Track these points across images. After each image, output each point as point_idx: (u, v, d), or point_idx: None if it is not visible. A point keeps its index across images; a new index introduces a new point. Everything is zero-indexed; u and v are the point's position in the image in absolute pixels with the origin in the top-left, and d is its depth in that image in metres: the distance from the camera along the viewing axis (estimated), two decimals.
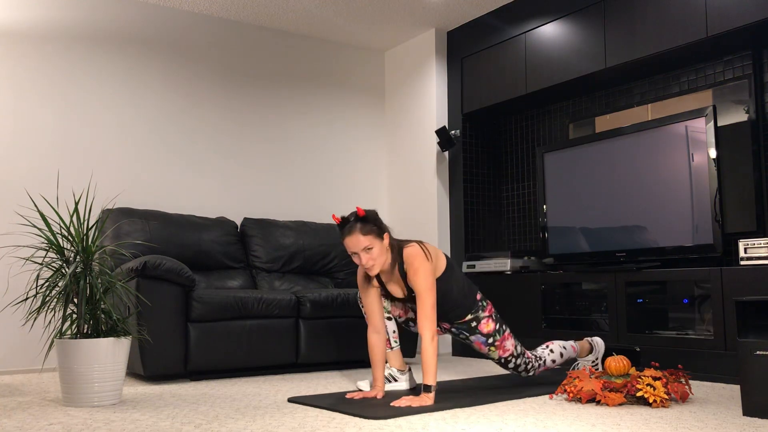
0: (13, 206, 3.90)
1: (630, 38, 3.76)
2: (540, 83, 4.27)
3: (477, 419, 2.33)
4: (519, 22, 4.44)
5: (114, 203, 4.18)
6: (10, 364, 3.82)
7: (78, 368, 2.62)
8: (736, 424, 2.23)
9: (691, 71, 3.87)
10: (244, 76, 4.76)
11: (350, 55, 5.26)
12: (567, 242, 4.10)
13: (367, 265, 2.69)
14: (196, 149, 4.52)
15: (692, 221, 3.49)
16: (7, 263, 3.84)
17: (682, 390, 2.61)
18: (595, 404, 2.61)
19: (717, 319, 3.25)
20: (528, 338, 4.14)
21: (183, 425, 2.26)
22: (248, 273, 4.26)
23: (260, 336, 3.60)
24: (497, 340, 2.96)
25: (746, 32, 3.36)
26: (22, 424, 2.29)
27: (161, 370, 3.31)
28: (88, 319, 2.73)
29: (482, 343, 2.96)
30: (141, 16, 4.40)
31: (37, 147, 4.00)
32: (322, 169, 5.03)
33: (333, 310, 3.84)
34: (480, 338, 2.95)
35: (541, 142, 4.72)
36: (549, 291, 4.14)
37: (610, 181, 3.90)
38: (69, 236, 2.77)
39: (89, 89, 4.20)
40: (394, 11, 4.64)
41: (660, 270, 3.53)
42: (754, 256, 3.18)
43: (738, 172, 3.57)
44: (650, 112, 4.05)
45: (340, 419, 2.34)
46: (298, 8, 4.58)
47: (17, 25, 4.01)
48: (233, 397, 2.85)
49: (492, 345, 2.96)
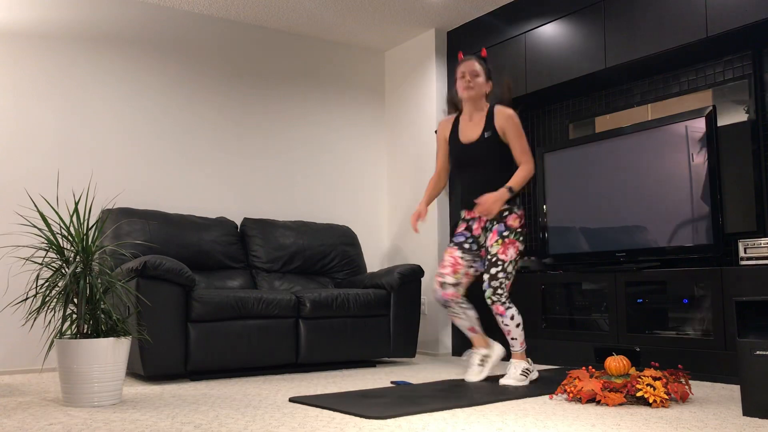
0: (13, 206, 3.90)
1: (630, 38, 3.76)
2: (540, 83, 4.27)
3: (477, 419, 2.34)
4: (519, 22, 4.44)
5: (114, 203, 4.18)
6: (10, 364, 3.83)
7: (78, 368, 2.62)
8: (736, 424, 2.23)
9: (691, 71, 3.87)
10: (244, 76, 4.76)
11: (350, 55, 5.26)
12: (567, 242, 4.10)
13: (468, 86, 3.26)
14: (196, 149, 4.52)
15: (692, 221, 3.49)
16: (7, 263, 3.84)
17: (682, 390, 2.61)
18: (595, 404, 2.61)
19: (717, 319, 3.25)
20: (528, 338, 4.14)
21: (183, 425, 2.26)
22: (248, 273, 4.26)
23: (260, 336, 3.60)
24: (509, 238, 3.21)
25: (746, 32, 3.36)
26: (22, 424, 2.29)
27: (161, 370, 3.31)
28: (88, 319, 2.74)
29: (498, 232, 3.21)
30: (141, 16, 4.40)
31: (37, 147, 4.00)
32: (322, 169, 5.03)
33: (333, 310, 3.84)
34: (500, 227, 3.23)
35: (541, 142, 4.72)
36: (549, 291, 4.14)
37: (610, 181, 3.90)
38: (69, 236, 2.77)
39: (89, 89, 4.20)
40: (394, 11, 4.64)
41: (660, 270, 3.53)
42: (754, 256, 3.18)
43: (738, 172, 3.57)
44: (650, 112, 4.05)
45: (340, 419, 2.34)
46: (298, 8, 4.58)
47: (17, 25, 4.01)
48: (233, 397, 2.85)
49: (503, 237, 3.20)
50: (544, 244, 4.24)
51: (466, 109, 3.38)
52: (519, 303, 4.22)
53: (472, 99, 3.31)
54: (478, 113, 3.34)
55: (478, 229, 3.34)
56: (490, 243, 3.23)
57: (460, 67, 3.32)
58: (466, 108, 3.38)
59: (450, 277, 3.29)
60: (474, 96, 3.30)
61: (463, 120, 3.38)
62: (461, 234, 3.37)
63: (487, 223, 3.29)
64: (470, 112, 3.36)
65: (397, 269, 4.12)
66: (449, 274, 3.29)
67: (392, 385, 3.17)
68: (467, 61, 3.31)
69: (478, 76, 3.28)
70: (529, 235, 4.76)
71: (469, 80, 3.27)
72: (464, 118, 3.38)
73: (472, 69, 3.28)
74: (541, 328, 4.08)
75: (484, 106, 3.34)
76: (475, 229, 3.35)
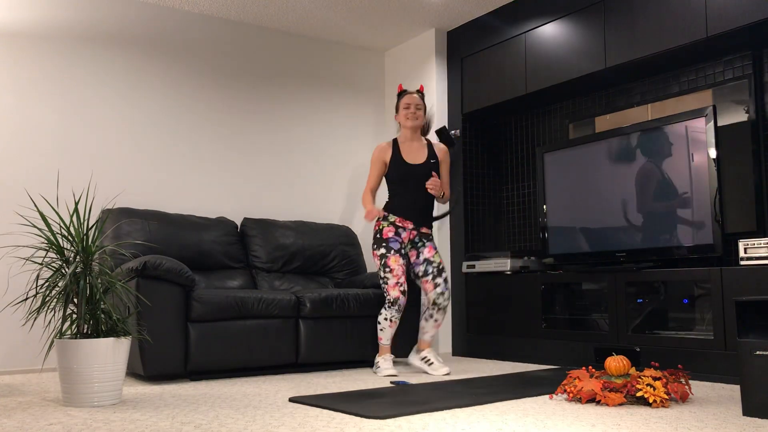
0: (13, 206, 3.90)
1: (630, 38, 3.77)
2: (540, 83, 4.27)
3: (477, 419, 2.34)
4: (519, 22, 4.44)
5: (114, 203, 4.18)
6: (10, 364, 3.83)
7: (78, 368, 2.62)
8: (736, 424, 2.23)
9: (691, 71, 3.87)
10: (244, 76, 4.76)
11: (350, 55, 5.26)
12: (567, 242, 4.10)
13: (414, 116, 3.79)
14: (196, 149, 4.52)
15: (692, 221, 3.49)
16: (7, 263, 3.84)
17: (682, 390, 2.61)
18: (595, 404, 2.61)
19: (717, 319, 3.25)
20: (528, 338, 4.14)
21: (183, 425, 2.26)
22: (248, 273, 4.26)
23: (260, 336, 3.60)
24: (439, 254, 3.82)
25: (746, 32, 3.36)
26: (22, 424, 2.29)
27: (161, 370, 3.31)
28: (88, 319, 2.73)
29: (433, 247, 3.78)
30: (141, 16, 4.40)
31: (37, 147, 4.00)
32: (322, 169, 5.03)
33: (333, 310, 3.84)
34: (433, 244, 3.80)
35: (541, 142, 4.72)
36: (549, 291, 4.14)
37: (610, 181, 3.90)
38: (69, 236, 2.77)
39: (89, 89, 4.20)
40: (394, 11, 4.64)
41: (660, 270, 3.53)
42: (754, 256, 3.18)
43: (738, 172, 3.57)
44: (650, 112, 4.05)
45: (340, 419, 2.34)
46: (298, 8, 4.58)
47: (17, 25, 4.01)
48: (233, 397, 2.85)
49: (437, 251, 3.78)
50: (544, 244, 4.24)
51: (405, 136, 3.85)
52: (519, 303, 4.22)
53: (415, 128, 3.83)
54: (417, 141, 3.86)
55: (406, 238, 3.74)
56: (431, 255, 3.75)
57: (405, 99, 3.82)
58: (405, 135, 3.85)
59: (405, 285, 3.70)
60: (416, 126, 3.82)
61: (403, 145, 3.83)
62: (395, 240, 3.72)
63: (416, 238, 3.76)
64: (410, 139, 3.84)
65: None
66: (404, 283, 3.69)
67: (392, 385, 3.17)
68: (411, 94, 3.84)
69: (420, 109, 3.82)
70: (529, 235, 4.76)
71: (413, 111, 3.80)
72: (404, 143, 3.84)
73: (417, 102, 3.82)
74: (541, 328, 4.08)
75: (421, 137, 3.88)
76: (404, 236, 3.74)
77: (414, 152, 3.81)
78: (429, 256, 3.73)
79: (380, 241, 3.70)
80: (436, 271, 3.70)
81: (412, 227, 3.73)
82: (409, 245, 3.75)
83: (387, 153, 3.82)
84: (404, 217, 3.73)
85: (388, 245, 3.68)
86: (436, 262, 3.71)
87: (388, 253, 3.67)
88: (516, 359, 4.20)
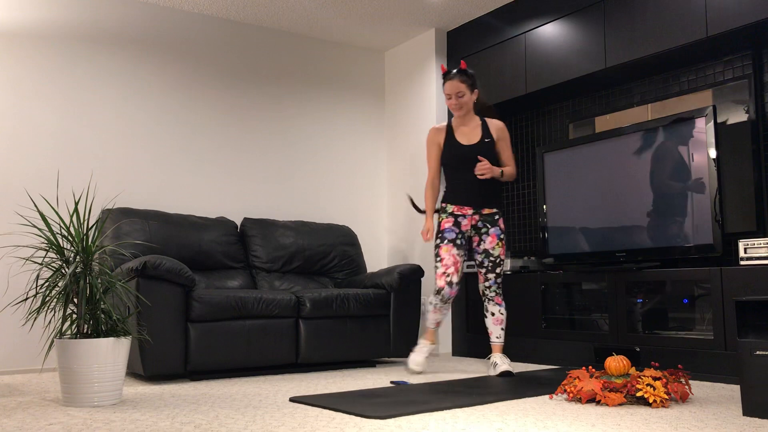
0: (13, 206, 3.90)
1: (630, 38, 3.77)
2: (540, 83, 4.27)
3: (477, 419, 2.34)
4: (519, 22, 4.44)
5: (114, 203, 4.18)
6: (10, 364, 3.83)
7: (78, 368, 2.62)
8: (736, 424, 2.23)
9: (691, 71, 3.87)
10: (244, 77, 4.76)
11: (350, 55, 5.26)
12: (567, 242, 4.10)
13: (458, 105, 3.60)
14: (196, 149, 4.52)
15: (692, 221, 3.49)
16: (7, 263, 3.84)
17: (682, 390, 2.61)
18: (595, 404, 2.61)
19: (717, 319, 3.25)
20: (528, 338, 4.14)
21: (183, 425, 2.26)
22: (248, 273, 4.26)
23: (260, 336, 3.60)
24: (503, 241, 3.64)
25: (746, 32, 3.36)
26: (22, 424, 2.29)
27: (161, 370, 3.31)
28: (88, 319, 2.74)
29: (496, 236, 3.60)
30: (141, 16, 4.40)
31: (37, 147, 4.00)
32: (322, 169, 5.03)
33: (333, 310, 3.84)
34: (497, 230, 3.62)
35: (541, 142, 4.72)
36: (549, 291, 4.14)
37: (610, 181, 3.90)
38: (69, 236, 2.77)
39: (89, 89, 4.20)
40: (394, 11, 4.64)
41: (660, 270, 3.53)
42: (754, 256, 3.18)
43: (738, 172, 3.57)
44: (650, 112, 4.05)
45: (340, 419, 2.34)
46: (298, 8, 4.58)
47: (17, 25, 4.01)
48: (233, 397, 2.85)
49: (500, 239, 3.61)
50: (544, 244, 4.24)
51: (457, 120, 3.71)
52: (519, 303, 4.22)
53: (463, 115, 3.68)
54: (471, 122, 3.70)
55: (467, 225, 3.61)
56: (491, 246, 3.59)
57: (445, 87, 3.63)
58: (457, 119, 3.71)
59: (455, 276, 3.54)
60: (464, 112, 3.66)
61: (457, 127, 3.70)
62: (451, 230, 3.59)
63: (479, 223, 3.61)
64: (462, 122, 3.70)
65: (396, 269, 4.12)
66: (454, 273, 3.53)
67: (392, 385, 3.17)
68: (450, 81, 3.61)
69: (462, 96, 3.60)
70: (529, 235, 4.76)
71: (456, 102, 3.61)
72: (457, 126, 3.70)
73: (457, 90, 3.60)
74: (541, 328, 4.08)
75: (474, 116, 3.72)
76: (464, 225, 3.60)
77: (468, 133, 3.68)
78: (489, 246, 3.60)
79: (438, 232, 3.65)
80: (491, 265, 3.59)
81: (473, 212, 3.60)
82: (472, 231, 3.63)
83: (440, 135, 3.71)
84: (462, 204, 3.61)
85: (443, 235, 3.59)
86: (494, 255, 3.59)
87: (442, 243, 3.58)
88: (516, 359, 4.20)
